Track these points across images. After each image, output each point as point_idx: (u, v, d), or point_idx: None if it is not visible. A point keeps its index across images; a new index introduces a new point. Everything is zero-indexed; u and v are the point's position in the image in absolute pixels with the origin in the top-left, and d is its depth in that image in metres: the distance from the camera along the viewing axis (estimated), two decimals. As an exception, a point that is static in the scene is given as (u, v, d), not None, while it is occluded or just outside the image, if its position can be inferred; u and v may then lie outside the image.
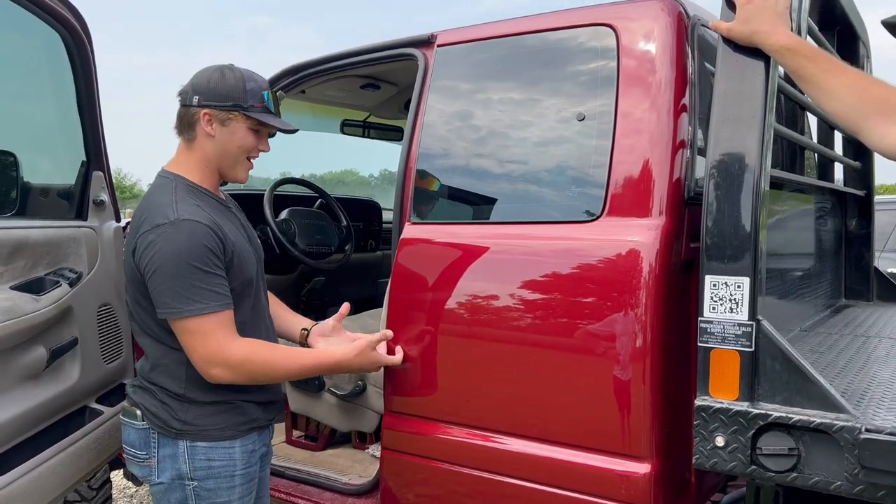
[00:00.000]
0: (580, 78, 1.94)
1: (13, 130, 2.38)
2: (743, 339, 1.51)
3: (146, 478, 1.83)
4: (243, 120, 1.82)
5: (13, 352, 2.00)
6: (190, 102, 1.81)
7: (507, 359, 1.89)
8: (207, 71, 1.85)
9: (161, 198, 1.78)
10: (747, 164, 1.52)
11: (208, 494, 1.79)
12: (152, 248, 1.69)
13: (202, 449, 1.78)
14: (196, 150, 1.85)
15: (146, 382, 1.83)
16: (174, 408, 1.79)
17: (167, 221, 1.70)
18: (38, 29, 2.17)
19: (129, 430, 1.84)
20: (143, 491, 4.22)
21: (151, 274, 1.70)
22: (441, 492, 2.05)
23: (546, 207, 1.95)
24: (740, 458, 1.50)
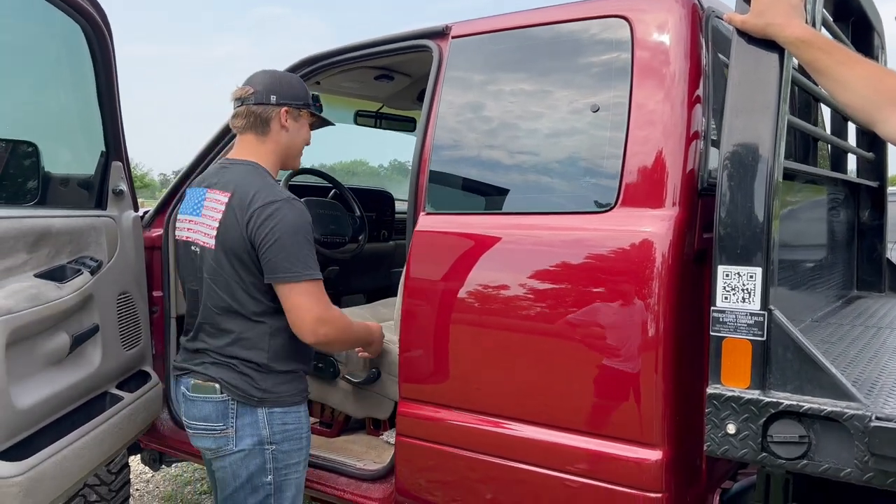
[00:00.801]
0: (594, 69, 1.96)
1: (35, 121, 2.42)
2: (755, 329, 1.53)
3: (221, 449, 1.96)
4: (308, 117, 2.14)
5: (38, 338, 2.05)
6: (267, 101, 2.04)
7: (521, 347, 1.92)
8: (271, 74, 2.10)
9: (258, 179, 1.97)
10: (761, 154, 1.53)
11: (284, 456, 1.99)
12: (273, 218, 1.88)
13: (278, 414, 1.98)
14: (269, 143, 2.07)
15: (223, 358, 1.97)
16: (255, 378, 1.95)
17: (281, 199, 1.92)
18: (59, 20, 2.20)
19: (204, 405, 1.97)
20: (159, 476, 4.29)
21: (272, 242, 1.88)
22: (454, 477, 2.08)
23: (560, 198, 1.97)
24: (751, 446, 1.53)
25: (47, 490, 1.99)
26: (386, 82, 3.23)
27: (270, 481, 1.98)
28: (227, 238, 1.92)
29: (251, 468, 1.96)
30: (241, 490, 1.98)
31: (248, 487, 1.98)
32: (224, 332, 1.97)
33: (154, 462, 3.23)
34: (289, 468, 2.01)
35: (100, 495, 2.95)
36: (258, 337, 1.96)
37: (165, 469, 4.17)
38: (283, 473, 2.00)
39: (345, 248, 3.27)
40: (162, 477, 4.29)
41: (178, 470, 4.37)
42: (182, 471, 4.38)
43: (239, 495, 1.99)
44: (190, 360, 2.05)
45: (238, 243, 1.91)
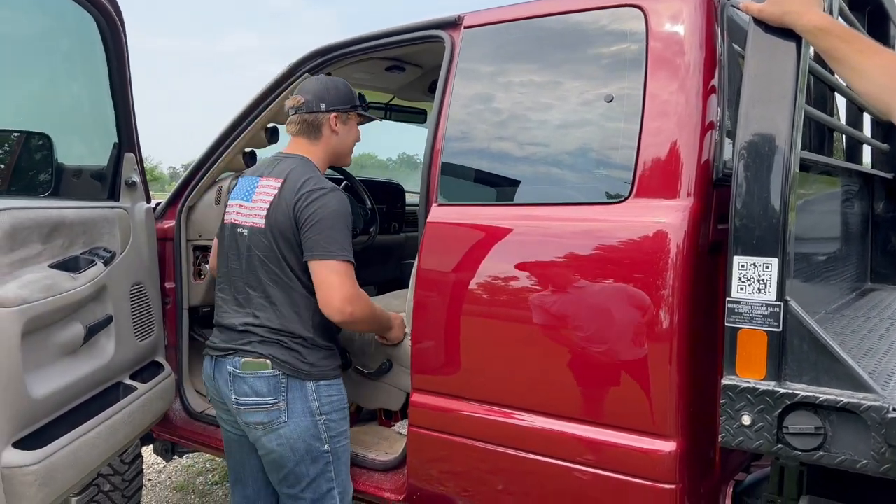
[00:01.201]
0: (608, 59, 1.94)
1: (48, 112, 2.43)
2: (770, 320, 1.53)
3: (273, 422, 2.09)
4: (356, 118, 2.33)
5: (53, 328, 2.06)
6: (318, 109, 2.24)
7: (533, 338, 1.92)
8: (320, 83, 2.29)
9: (308, 171, 2.16)
10: (777, 145, 1.52)
11: (334, 425, 2.16)
12: (318, 202, 2.07)
13: (324, 387, 2.15)
14: (320, 145, 2.27)
15: (273, 335, 2.11)
16: (302, 353, 2.11)
17: (327, 188, 2.11)
18: (73, 12, 2.21)
19: (256, 381, 2.09)
20: (171, 467, 4.32)
21: (315, 222, 2.06)
22: (466, 468, 2.09)
23: (574, 189, 1.96)
24: (766, 437, 1.52)
25: (63, 479, 2.00)
26: (397, 73, 3.22)
27: (327, 449, 2.14)
28: (275, 218, 2.09)
29: (307, 438, 2.10)
30: (302, 463, 2.11)
31: (307, 459, 2.11)
32: (273, 306, 2.12)
33: (166, 452, 3.25)
34: (340, 436, 2.18)
35: (113, 485, 2.98)
36: (304, 312, 2.12)
37: (177, 460, 4.20)
38: (337, 441, 2.17)
39: (356, 239, 3.25)
40: (174, 467, 4.32)
41: (190, 461, 4.40)
42: (193, 461, 4.41)
43: (300, 468, 2.12)
44: (234, 340, 2.16)
45: (285, 223, 2.08)
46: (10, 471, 1.82)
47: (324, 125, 2.24)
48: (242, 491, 2.33)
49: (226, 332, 2.19)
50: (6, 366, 1.82)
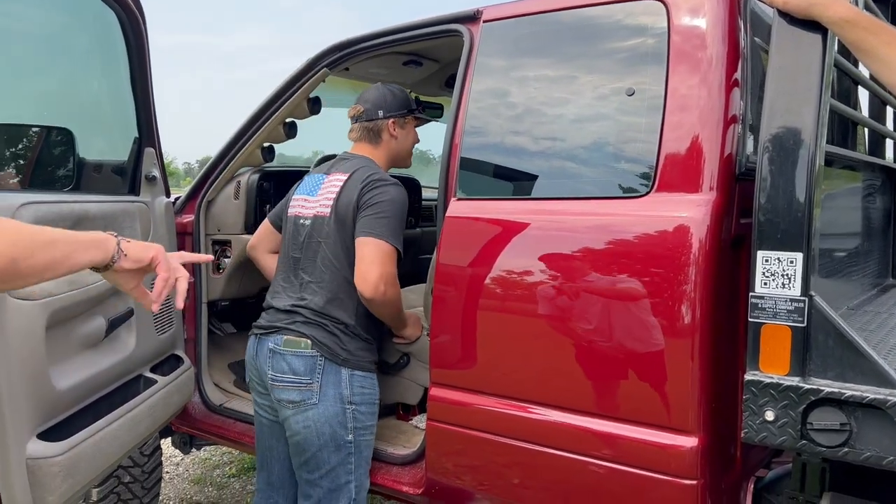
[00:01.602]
0: (629, 53, 1.93)
1: (70, 108, 2.45)
2: (795, 315, 1.52)
3: (305, 402, 2.15)
4: (413, 120, 2.48)
5: (75, 321, 2.08)
6: (376, 117, 2.40)
7: (553, 333, 1.92)
8: (379, 91, 2.44)
9: (374, 168, 2.32)
10: (803, 139, 1.51)
11: (362, 417, 2.21)
12: (382, 188, 2.22)
13: (358, 377, 2.21)
14: (381, 149, 2.42)
15: (317, 317, 2.20)
16: (342, 339, 2.19)
17: (391, 181, 2.26)
18: (95, 7, 2.22)
19: (294, 359, 2.18)
20: (189, 460, 4.36)
21: (372, 205, 2.19)
22: (485, 462, 2.09)
23: (594, 183, 1.96)
24: (790, 433, 1.51)
25: (86, 470, 2.02)
26: (414, 68, 3.22)
27: (351, 440, 2.18)
28: (341, 205, 2.23)
29: (333, 424, 2.15)
30: (325, 449, 2.15)
31: (331, 445, 2.16)
32: (325, 289, 2.22)
33: (184, 445, 3.28)
34: (366, 429, 2.23)
35: (133, 476, 3.01)
36: (350, 299, 2.21)
37: (195, 452, 4.23)
38: (361, 433, 2.21)
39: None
40: (191, 460, 4.36)
41: (207, 453, 4.43)
42: (210, 454, 4.44)
43: (322, 454, 2.16)
44: (280, 320, 2.25)
45: (347, 208, 2.22)
46: (36, 462, 1.84)
47: (383, 131, 2.40)
48: (267, 477, 2.37)
49: (273, 312, 2.29)
50: (32, 358, 1.83)
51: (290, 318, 2.23)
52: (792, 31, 1.57)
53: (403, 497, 2.35)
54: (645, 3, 1.91)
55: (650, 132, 1.84)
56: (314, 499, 2.21)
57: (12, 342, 1.78)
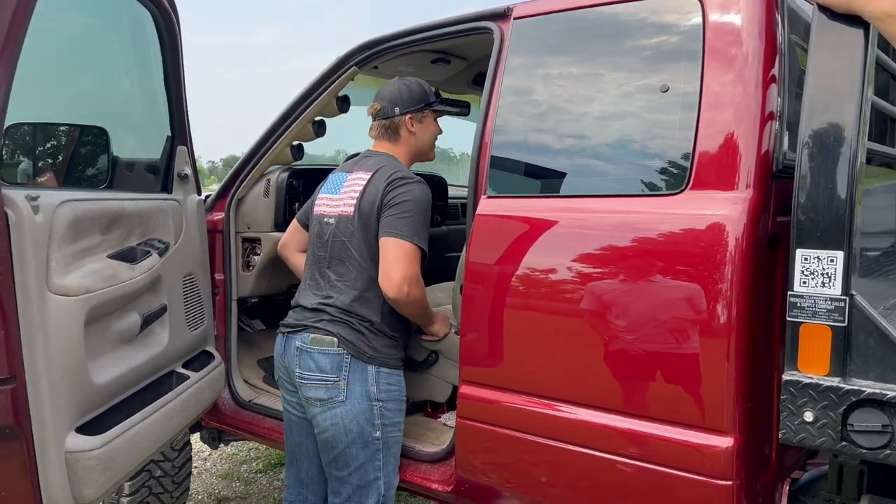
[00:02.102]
0: (663, 48, 1.92)
1: (105, 106, 2.49)
2: (835, 314, 1.49)
3: (332, 399, 2.16)
4: (431, 113, 2.43)
5: (112, 317, 2.11)
6: (393, 114, 2.37)
7: (586, 332, 1.90)
8: (396, 87, 2.40)
9: (397, 165, 2.31)
10: (844, 136, 1.49)
11: (389, 414, 2.22)
12: (405, 187, 2.21)
13: (385, 374, 2.21)
14: (401, 145, 2.41)
15: (343, 315, 2.21)
16: (368, 336, 2.20)
17: (415, 180, 2.25)
18: (131, 7, 2.25)
19: (321, 357, 2.19)
20: (216, 455, 4.40)
21: (396, 205, 2.18)
22: (515, 460, 2.08)
23: (627, 180, 1.94)
24: (830, 434, 1.49)
25: (122, 464, 2.06)
26: (442, 66, 3.22)
27: (379, 436, 2.18)
28: (364, 204, 2.22)
29: (361, 421, 2.16)
30: (353, 445, 2.16)
31: (359, 442, 2.16)
32: (351, 288, 2.22)
33: (213, 440, 3.32)
34: (393, 426, 2.23)
35: (164, 471, 3.05)
36: (375, 297, 2.21)
37: (222, 448, 4.28)
38: (389, 430, 2.22)
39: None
40: (219, 455, 4.40)
41: (234, 449, 4.48)
42: (237, 450, 4.48)
43: (350, 451, 2.17)
44: (306, 318, 2.26)
45: (371, 207, 2.21)
46: (74, 455, 1.87)
47: (401, 128, 2.37)
48: (296, 473, 2.39)
49: (300, 311, 2.30)
50: (71, 352, 1.87)
51: (317, 317, 2.24)
52: (832, 27, 1.55)
53: (433, 495, 2.35)
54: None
55: (685, 129, 1.82)
56: (344, 495, 2.22)
57: (53, 337, 1.81)
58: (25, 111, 2.02)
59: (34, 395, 1.79)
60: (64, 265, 1.89)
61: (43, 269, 1.81)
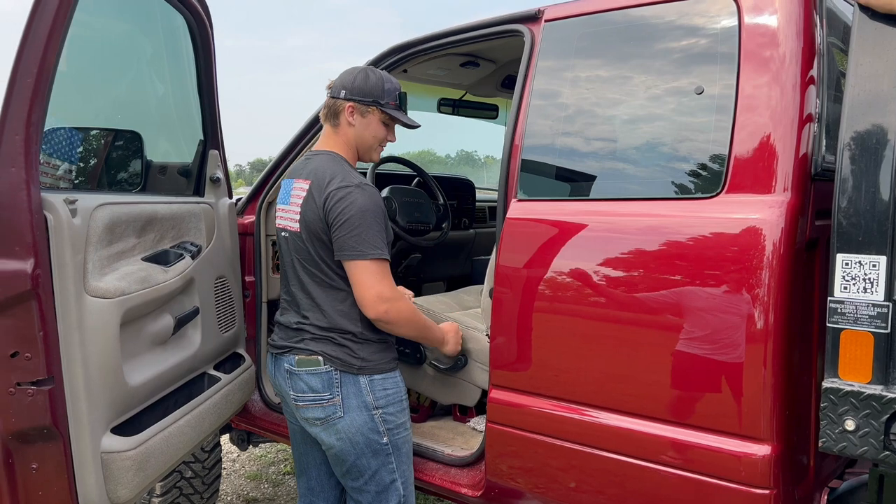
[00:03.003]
0: (698, 50, 1.89)
1: (140, 110, 2.52)
2: (878, 321, 1.46)
3: (330, 417, 2.10)
4: (378, 114, 2.19)
5: (146, 319, 2.14)
6: (337, 95, 2.17)
7: (620, 337, 1.89)
8: (354, 71, 2.21)
9: (334, 167, 2.12)
10: (888, 139, 1.46)
11: (392, 418, 2.14)
12: (344, 201, 2.02)
13: (378, 381, 2.13)
14: (340, 135, 2.20)
15: (323, 332, 2.11)
16: (352, 348, 2.10)
17: (353, 184, 2.05)
18: (167, 13, 2.28)
19: (310, 377, 2.11)
20: (245, 456, 4.44)
21: (342, 222, 2.02)
22: (547, 466, 2.07)
23: (661, 184, 1.92)
24: (872, 444, 1.46)
25: (155, 465, 2.08)
26: (471, 69, 3.22)
27: (387, 442, 2.13)
28: (307, 220, 2.08)
29: (365, 432, 2.10)
30: (363, 456, 2.12)
31: (368, 453, 2.12)
32: (319, 307, 2.12)
33: (242, 442, 3.34)
34: (399, 428, 2.16)
35: (194, 472, 3.08)
36: (349, 308, 2.10)
37: (251, 449, 4.31)
38: (396, 433, 2.15)
39: (429, 235, 3.29)
40: (247, 457, 4.44)
41: (262, 450, 4.51)
42: (266, 451, 4.52)
43: (362, 462, 2.13)
44: (290, 338, 2.17)
45: (316, 224, 2.07)
46: (110, 455, 1.90)
47: (341, 113, 2.17)
48: (307, 482, 2.37)
49: (283, 329, 2.22)
50: (107, 354, 1.89)
51: (299, 336, 2.15)
52: (874, 27, 1.51)
53: (462, 499, 2.35)
54: (714, 0, 1.87)
55: (720, 131, 1.80)
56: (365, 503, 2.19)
57: (90, 338, 1.84)
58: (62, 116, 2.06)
59: (71, 395, 1.82)
60: (100, 267, 1.92)
61: (80, 272, 1.84)
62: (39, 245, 1.71)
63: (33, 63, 1.67)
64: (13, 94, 1.66)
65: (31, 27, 1.66)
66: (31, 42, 1.66)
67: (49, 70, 1.70)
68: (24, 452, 1.79)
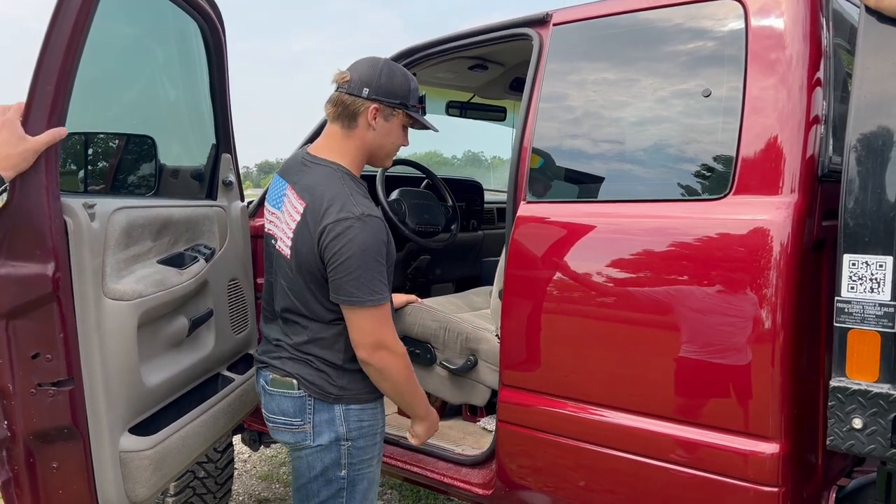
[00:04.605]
0: (706, 53, 1.92)
1: (153, 115, 2.56)
2: (884, 320, 1.48)
3: (299, 443, 1.96)
4: (403, 117, 1.96)
5: (162, 321, 2.17)
6: (358, 93, 1.89)
7: (628, 337, 1.91)
8: (373, 64, 1.93)
9: (334, 188, 1.86)
10: (894, 140, 1.47)
11: (359, 452, 1.96)
12: (342, 238, 1.79)
13: (355, 412, 1.95)
14: (354, 139, 1.94)
15: (301, 354, 1.95)
16: (331, 375, 1.93)
17: (353, 216, 1.80)
18: (180, 19, 2.31)
19: (283, 400, 1.96)
20: (256, 457, 4.48)
21: (339, 263, 1.80)
22: (557, 465, 2.09)
23: (669, 185, 1.94)
24: (880, 442, 1.48)
25: (172, 464, 2.11)
26: (479, 72, 3.25)
27: (344, 475, 1.96)
28: (300, 251, 1.88)
29: (326, 462, 1.95)
30: (315, 482, 1.98)
31: (321, 480, 1.97)
32: (302, 329, 1.95)
33: (253, 442, 3.37)
34: (362, 463, 1.99)
35: (207, 472, 3.11)
36: (334, 338, 1.93)
37: (262, 450, 4.34)
38: (357, 469, 1.98)
39: (438, 237, 3.32)
40: (259, 457, 4.48)
41: (273, 451, 4.54)
42: (277, 452, 4.55)
43: (312, 486, 1.99)
44: (268, 352, 2.04)
45: (310, 258, 1.86)
46: (128, 455, 1.93)
47: (360, 115, 1.90)
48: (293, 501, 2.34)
49: (265, 342, 2.10)
50: (125, 355, 1.92)
51: (277, 353, 2.00)
52: (881, 30, 1.53)
53: (473, 498, 2.37)
54: (721, 3, 1.89)
55: (727, 133, 1.82)
56: None
57: (108, 340, 1.87)
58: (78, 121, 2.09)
59: (90, 396, 1.85)
60: (118, 270, 1.95)
61: (99, 275, 1.87)
62: (59, 249, 1.74)
63: (53, 70, 1.70)
64: (34, 101, 1.69)
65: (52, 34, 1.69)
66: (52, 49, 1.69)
67: (69, 77, 1.73)
68: (44, 452, 1.82)
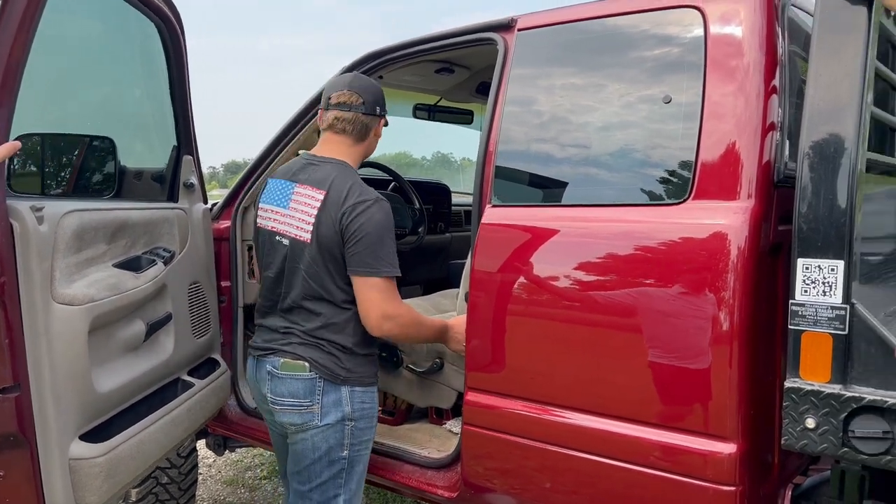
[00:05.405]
0: (666, 60, 1.93)
1: (112, 117, 2.51)
2: (836, 322, 1.51)
3: (306, 423, 2.09)
4: (383, 122, 2.29)
5: (116, 325, 2.13)
6: (375, 112, 2.22)
7: (590, 340, 1.92)
8: (374, 85, 2.26)
9: (349, 179, 2.12)
10: (845, 147, 1.51)
11: (359, 433, 2.15)
12: (363, 216, 2.04)
13: (359, 393, 2.14)
14: (361, 147, 2.25)
15: (313, 339, 2.11)
16: (341, 358, 2.11)
17: (372, 199, 2.08)
18: (137, 20, 2.28)
19: (293, 382, 2.10)
20: (221, 461, 4.42)
21: (361, 237, 2.03)
22: (520, 467, 2.09)
23: (630, 190, 1.96)
24: (831, 441, 1.50)
25: (126, 471, 2.07)
26: (446, 75, 3.25)
27: (346, 456, 2.12)
28: (322, 233, 2.06)
29: (331, 442, 2.10)
30: (318, 462, 2.11)
31: (324, 460, 2.11)
32: (315, 315, 2.11)
33: (218, 447, 3.33)
34: (361, 444, 2.16)
35: (170, 477, 3.06)
36: (345, 322, 2.11)
37: (227, 454, 4.29)
38: (357, 449, 2.15)
39: (405, 239, 3.31)
40: (223, 462, 4.42)
41: (239, 455, 4.49)
42: (242, 456, 4.50)
43: (315, 468, 2.12)
44: (275, 340, 2.17)
45: (332, 238, 2.06)
46: (78, 462, 1.89)
47: (372, 129, 2.24)
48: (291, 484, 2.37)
49: (267, 332, 2.21)
50: (75, 361, 1.88)
51: (286, 339, 2.14)
52: (833, 38, 1.57)
53: (437, 500, 2.36)
54: (681, 12, 1.92)
55: (687, 139, 1.84)
56: None
57: (56, 346, 1.83)
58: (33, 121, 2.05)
59: (38, 402, 1.81)
60: (68, 275, 1.91)
61: (47, 279, 1.82)
62: (4, 253, 1.70)
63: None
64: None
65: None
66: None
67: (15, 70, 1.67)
68: (-9, 460, 1.77)
